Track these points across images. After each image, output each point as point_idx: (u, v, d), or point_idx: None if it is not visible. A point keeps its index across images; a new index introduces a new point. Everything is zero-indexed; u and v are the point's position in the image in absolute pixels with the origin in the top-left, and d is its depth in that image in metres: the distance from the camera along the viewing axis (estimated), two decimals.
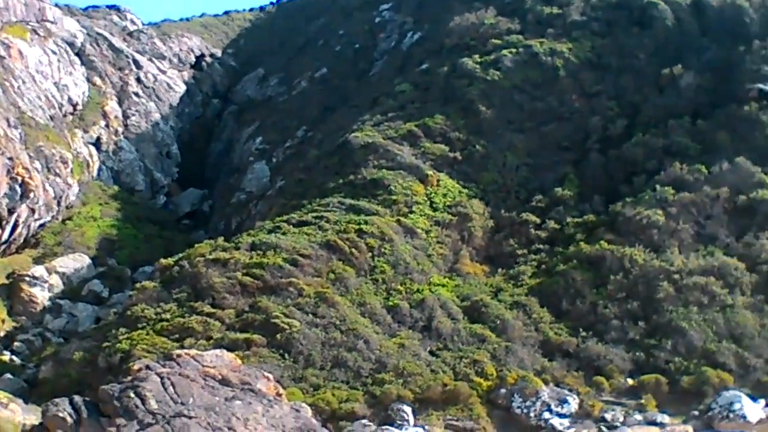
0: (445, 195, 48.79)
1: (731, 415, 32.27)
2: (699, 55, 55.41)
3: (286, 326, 35.89)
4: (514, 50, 58.31)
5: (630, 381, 35.80)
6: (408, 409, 32.59)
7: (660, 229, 43.47)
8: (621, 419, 32.96)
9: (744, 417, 32.01)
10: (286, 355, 34.94)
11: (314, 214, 46.17)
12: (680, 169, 46.92)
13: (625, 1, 61.45)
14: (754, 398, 33.50)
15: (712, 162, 47.02)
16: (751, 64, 52.31)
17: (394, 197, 47.57)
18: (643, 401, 34.20)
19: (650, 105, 53.53)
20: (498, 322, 38.89)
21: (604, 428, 32.18)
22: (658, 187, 45.98)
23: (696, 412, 33.58)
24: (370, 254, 42.34)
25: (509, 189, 50.60)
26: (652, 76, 55.49)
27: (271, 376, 31.05)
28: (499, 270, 44.60)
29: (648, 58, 56.89)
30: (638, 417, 33.09)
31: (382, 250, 42.74)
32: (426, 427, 32.11)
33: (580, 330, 38.66)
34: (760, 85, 50.20)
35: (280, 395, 30.37)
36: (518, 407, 33.57)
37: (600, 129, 53.20)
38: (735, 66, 53.15)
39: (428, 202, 48.08)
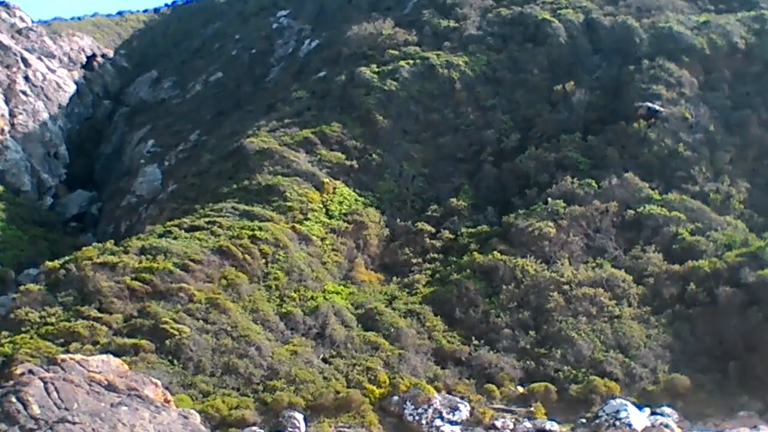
0: (341, 203, 48.65)
1: (617, 423, 32.88)
2: (591, 72, 56.83)
3: (175, 332, 34.99)
4: (411, 61, 58.70)
5: (520, 389, 36.22)
6: (299, 416, 32.23)
7: (551, 241, 44.20)
8: (511, 426, 33.29)
9: (630, 425, 32.63)
10: (175, 362, 34.01)
11: (207, 219, 45.33)
12: (571, 183, 47.85)
13: (519, 18, 62.63)
14: (639, 407, 34.23)
15: (601, 177, 48.12)
16: (640, 82, 53.81)
17: (289, 204, 47.12)
18: (532, 409, 34.60)
19: (543, 120, 54.49)
20: (392, 329, 38.82)
21: None
22: (549, 200, 46.74)
23: (583, 420, 34.14)
24: (263, 261, 41.76)
25: (405, 198, 50.86)
26: (545, 92, 56.53)
27: (159, 383, 30.33)
28: (394, 278, 44.63)
29: (541, 73, 57.94)
30: (528, 424, 33.45)
31: (276, 256, 42.24)
32: None
33: (473, 338, 38.91)
34: (649, 104, 51.71)
35: (168, 401, 29.66)
36: (410, 414, 33.53)
37: (494, 142, 53.85)
38: (625, 84, 54.64)
39: (324, 210, 47.83)
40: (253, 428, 31.35)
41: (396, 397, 34.36)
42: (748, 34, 57.57)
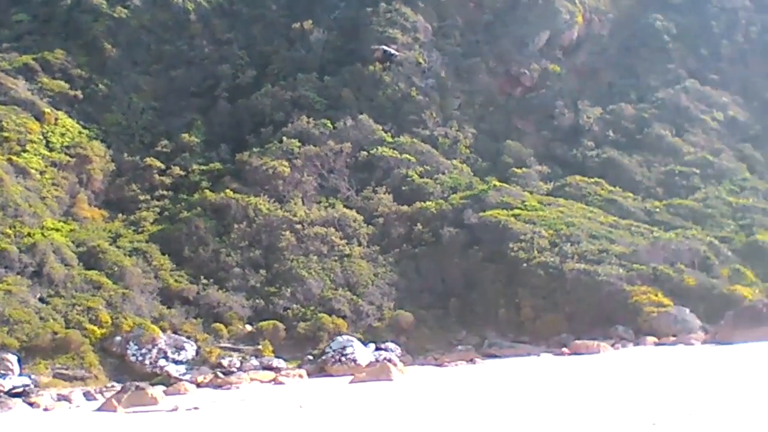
0: (63, 135, 45.62)
1: (343, 359, 33.31)
2: (329, 12, 56.73)
3: None
4: None
5: (248, 327, 35.92)
6: (13, 358, 30.02)
7: (285, 180, 44.05)
8: (238, 365, 32.81)
9: (355, 360, 33.14)
10: None
11: None
12: (306, 123, 47.71)
13: None
14: (365, 343, 34.92)
15: (337, 118, 48.46)
16: (377, 25, 54.37)
17: (5, 134, 43.53)
18: (260, 347, 34.37)
19: (280, 57, 53.88)
20: (115, 268, 37.10)
21: (220, 374, 31.78)
22: (284, 138, 46.44)
23: (311, 357, 34.42)
24: None
25: (133, 132, 48.57)
26: (283, 29, 55.88)
27: None
28: (120, 215, 42.83)
29: (279, 10, 57.33)
30: (255, 362, 33.16)
31: None
32: (33, 376, 29.85)
33: (202, 277, 38.05)
34: (384, 47, 52.39)
35: None
36: (133, 355, 32.28)
37: (229, 77, 52.52)
38: (362, 26, 54.97)
39: (44, 142, 44.63)
40: None
41: (118, 338, 32.95)
42: None
